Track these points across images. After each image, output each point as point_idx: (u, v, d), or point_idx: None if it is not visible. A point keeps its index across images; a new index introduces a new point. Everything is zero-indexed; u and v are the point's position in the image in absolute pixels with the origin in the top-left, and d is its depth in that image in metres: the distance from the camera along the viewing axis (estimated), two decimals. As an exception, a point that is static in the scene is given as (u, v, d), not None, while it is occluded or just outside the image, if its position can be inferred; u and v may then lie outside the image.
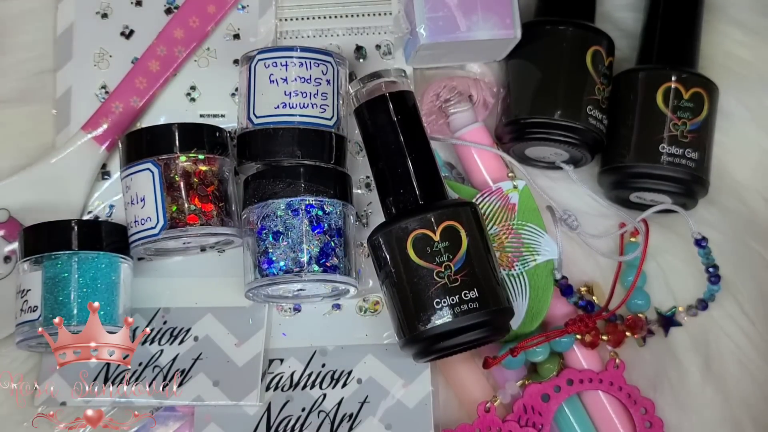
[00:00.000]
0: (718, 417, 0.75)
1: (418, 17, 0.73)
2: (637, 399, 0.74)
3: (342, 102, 0.72)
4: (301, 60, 0.70)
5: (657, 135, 0.74)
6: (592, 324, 0.73)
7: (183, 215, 0.68)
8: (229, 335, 0.73)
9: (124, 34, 0.78)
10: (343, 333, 0.74)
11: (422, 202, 0.68)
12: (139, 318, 0.73)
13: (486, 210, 0.74)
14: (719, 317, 0.77)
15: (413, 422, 0.72)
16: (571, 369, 0.74)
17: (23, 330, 0.69)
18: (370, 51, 0.78)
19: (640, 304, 0.77)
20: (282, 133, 0.69)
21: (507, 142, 0.77)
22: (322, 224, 0.69)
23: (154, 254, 0.74)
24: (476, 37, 0.73)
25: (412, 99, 0.70)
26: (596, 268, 0.78)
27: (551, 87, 0.75)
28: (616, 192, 0.77)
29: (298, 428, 0.72)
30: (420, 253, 0.66)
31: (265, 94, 0.70)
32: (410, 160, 0.68)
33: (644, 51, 0.78)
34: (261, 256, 0.69)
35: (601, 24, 0.78)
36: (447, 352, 0.67)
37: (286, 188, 0.69)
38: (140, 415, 0.70)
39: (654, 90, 0.75)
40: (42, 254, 0.69)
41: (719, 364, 0.76)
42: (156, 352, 0.73)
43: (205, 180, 0.69)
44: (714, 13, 0.80)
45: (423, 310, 0.65)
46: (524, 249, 0.74)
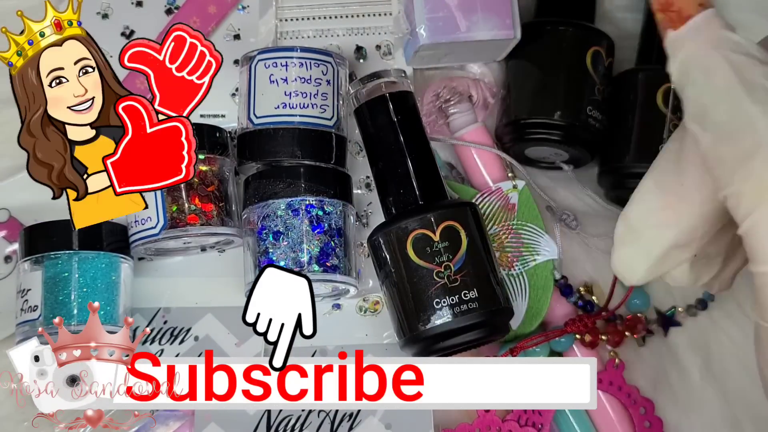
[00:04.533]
0: (717, 417, 0.75)
1: (418, 18, 0.73)
2: (636, 399, 0.74)
3: (342, 102, 0.72)
4: (302, 60, 0.70)
5: (657, 135, 0.74)
6: (591, 324, 0.73)
7: (183, 215, 0.68)
8: (230, 335, 0.73)
9: (125, 35, 0.78)
10: (343, 333, 0.74)
11: (422, 202, 0.68)
12: (140, 318, 0.73)
13: (486, 210, 0.74)
14: (719, 317, 0.77)
15: (413, 422, 0.72)
16: (571, 369, 0.74)
17: (23, 330, 0.69)
18: (370, 51, 0.78)
19: (639, 304, 0.77)
20: (282, 133, 0.69)
21: (507, 142, 0.77)
22: (322, 224, 0.69)
23: (154, 254, 0.74)
24: (476, 37, 0.73)
25: (412, 99, 0.70)
26: (596, 268, 0.78)
27: (551, 87, 0.75)
28: (616, 192, 0.77)
29: (298, 428, 0.72)
30: (420, 253, 0.66)
31: (266, 95, 0.70)
32: (410, 160, 0.68)
33: (644, 51, 0.78)
34: (261, 255, 0.69)
35: (601, 24, 0.78)
36: (447, 352, 0.67)
37: (286, 188, 0.69)
38: (140, 415, 0.70)
39: (654, 90, 0.75)
40: (42, 254, 0.69)
41: (719, 364, 0.76)
42: (156, 352, 0.73)
43: (205, 180, 0.69)
44: (714, 13, 0.81)
45: (423, 310, 0.65)
46: (524, 249, 0.74)
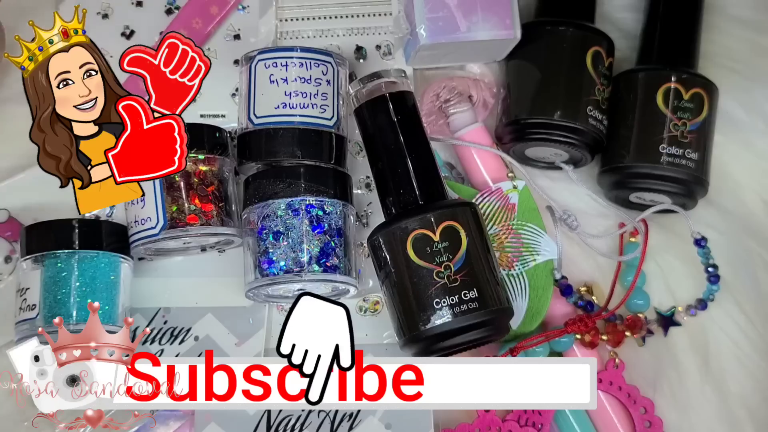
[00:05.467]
0: (717, 416, 0.75)
1: (418, 18, 0.73)
2: (636, 398, 0.74)
3: (342, 102, 0.72)
4: (302, 60, 0.70)
5: (657, 135, 0.74)
6: (591, 324, 0.73)
7: (183, 215, 0.68)
8: (230, 335, 0.73)
9: (125, 35, 0.78)
10: (343, 333, 0.74)
11: (422, 202, 0.68)
12: (140, 318, 0.73)
13: (486, 210, 0.74)
14: (718, 317, 0.77)
15: (413, 422, 0.72)
16: (571, 369, 0.74)
17: (22, 328, 0.69)
18: (370, 51, 0.78)
19: (639, 303, 0.77)
20: (282, 133, 0.69)
21: (507, 142, 0.77)
22: (322, 224, 0.69)
23: (154, 254, 0.74)
24: (476, 37, 0.73)
25: (412, 99, 0.70)
26: (596, 268, 0.78)
27: (551, 87, 0.75)
28: (616, 192, 0.77)
29: (298, 428, 0.72)
30: (420, 253, 0.66)
31: (266, 95, 0.70)
32: (410, 160, 0.68)
33: (644, 51, 0.78)
34: (261, 256, 0.69)
35: (601, 24, 0.78)
36: (447, 352, 0.67)
37: (286, 188, 0.69)
38: (140, 415, 0.70)
39: (654, 90, 0.75)
40: (42, 253, 0.69)
41: (718, 364, 0.76)
42: (156, 352, 0.73)
43: (205, 180, 0.69)
44: (714, 13, 0.81)
45: (423, 310, 0.65)
46: (524, 249, 0.74)
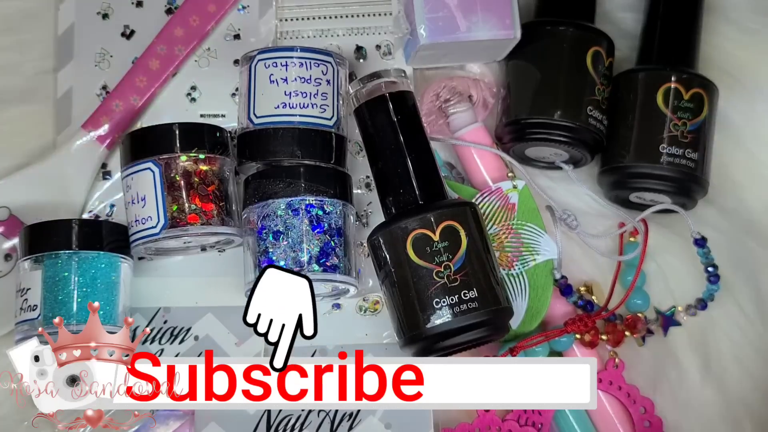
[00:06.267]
0: (717, 416, 0.75)
1: (418, 18, 0.73)
2: (636, 398, 0.74)
3: (342, 102, 0.72)
4: (301, 60, 0.70)
5: (657, 135, 0.74)
6: (591, 323, 0.73)
7: (183, 215, 0.68)
8: (230, 335, 0.73)
9: (125, 35, 0.78)
10: (342, 332, 0.74)
11: (422, 202, 0.68)
12: (140, 317, 0.73)
13: (486, 210, 0.74)
14: (718, 317, 0.77)
15: (413, 422, 0.72)
16: (571, 369, 0.74)
17: (23, 329, 0.69)
18: (370, 51, 0.78)
19: (639, 303, 0.77)
20: (282, 133, 0.69)
21: (507, 142, 0.77)
22: (322, 224, 0.69)
23: (154, 254, 0.74)
24: (476, 37, 0.73)
25: (411, 99, 0.70)
26: (596, 267, 0.78)
27: (551, 87, 0.75)
28: (616, 192, 0.77)
29: (298, 428, 0.72)
30: (419, 252, 0.66)
31: (266, 94, 0.70)
32: (410, 160, 0.68)
33: (644, 51, 0.78)
34: (261, 255, 0.69)
35: (601, 24, 0.78)
36: (447, 352, 0.67)
37: (286, 188, 0.69)
38: (140, 415, 0.70)
39: (654, 90, 0.75)
40: (42, 253, 0.69)
41: (718, 364, 0.76)
42: (156, 351, 0.73)
43: (205, 180, 0.69)
44: (714, 14, 0.81)
45: (423, 310, 0.65)
46: (524, 249, 0.74)
